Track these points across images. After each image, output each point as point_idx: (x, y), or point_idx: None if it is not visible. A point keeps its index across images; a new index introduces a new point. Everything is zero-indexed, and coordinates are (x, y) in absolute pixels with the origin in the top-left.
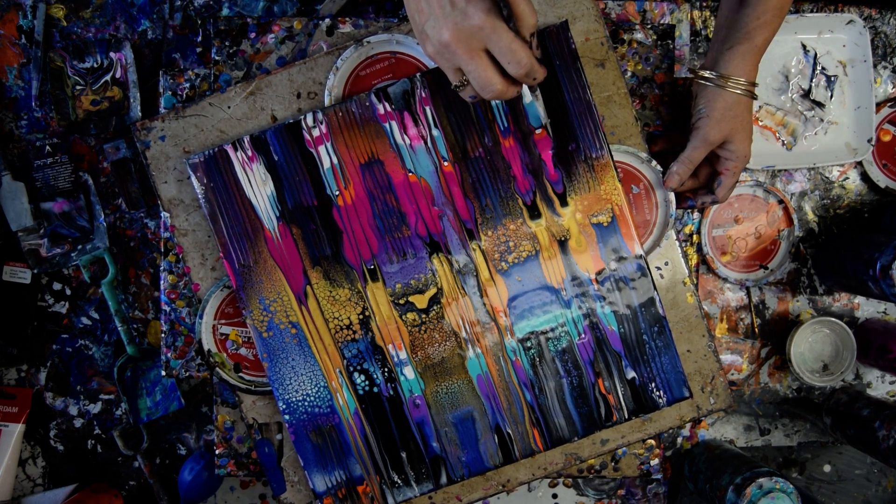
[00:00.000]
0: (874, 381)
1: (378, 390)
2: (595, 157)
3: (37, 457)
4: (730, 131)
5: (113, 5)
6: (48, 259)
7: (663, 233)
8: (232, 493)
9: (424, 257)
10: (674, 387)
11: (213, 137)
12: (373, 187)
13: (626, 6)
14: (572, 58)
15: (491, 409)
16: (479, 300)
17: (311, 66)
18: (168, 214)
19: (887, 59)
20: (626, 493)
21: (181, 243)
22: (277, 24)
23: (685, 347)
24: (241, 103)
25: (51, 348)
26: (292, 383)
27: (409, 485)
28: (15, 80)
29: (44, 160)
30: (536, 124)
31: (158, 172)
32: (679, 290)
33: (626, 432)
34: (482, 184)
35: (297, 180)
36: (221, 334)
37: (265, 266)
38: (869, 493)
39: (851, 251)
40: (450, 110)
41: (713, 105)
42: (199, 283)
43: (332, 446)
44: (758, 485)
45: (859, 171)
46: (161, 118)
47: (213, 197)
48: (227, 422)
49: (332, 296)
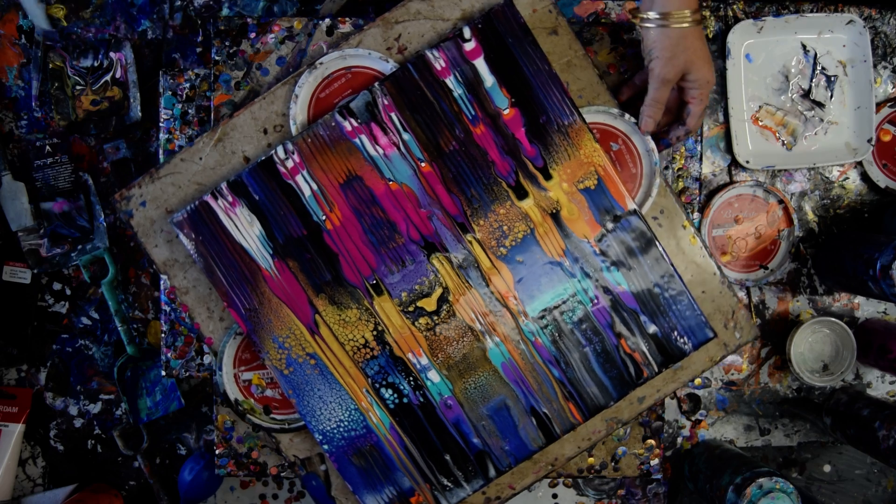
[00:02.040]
0: (874, 381)
1: (408, 400)
2: (567, 123)
3: (37, 457)
4: (684, 64)
5: (113, 5)
6: (48, 259)
7: (652, 182)
8: (232, 493)
9: (423, 261)
10: (696, 331)
11: (191, 192)
12: (357, 204)
13: (625, 6)
14: (524, 32)
15: (522, 393)
16: (485, 290)
17: (270, 101)
18: (166, 276)
19: (887, 59)
20: (626, 493)
21: (184, 302)
22: (277, 24)
23: (699, 290)
24: (211, 152)
25: (51, 348)
26: (323, 413)
27: (460, 485)
28: (15, 80)
29: (44, 160)
30: (503, 105)
31: (147, 238)
32: (681, 235)
33: (660, 385)
34: (463, 176)
35: (282, 214)
36: (244, 381)
37: (271, 305)
38: (869, 493)
39: (851, 251)
40: (415, 111)
41: (661, 45)
42: (211, 336)
43: (377, 465)
44: (758, 485)
45: (859, 171)
46: (137, 185)
47: (204, 250)
48: (227, 422)
49: (342, 319)
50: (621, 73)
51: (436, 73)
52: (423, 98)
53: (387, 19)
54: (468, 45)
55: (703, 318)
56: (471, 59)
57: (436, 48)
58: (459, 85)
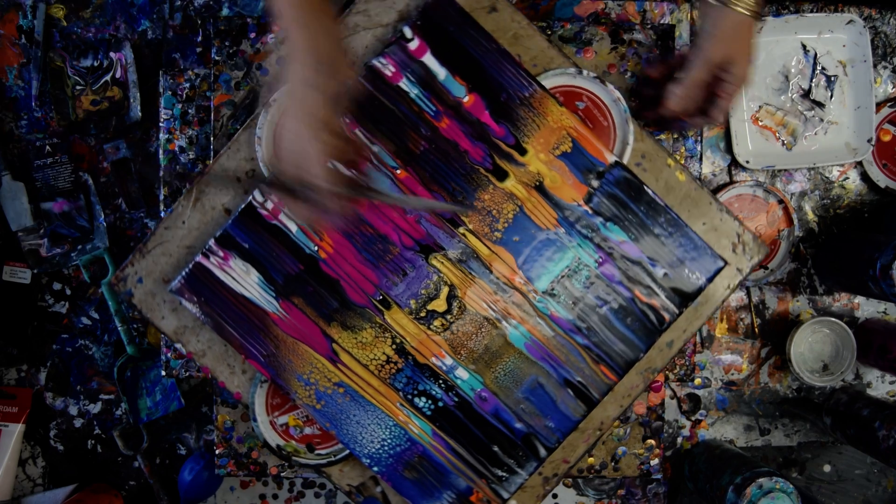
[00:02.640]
0: (874, 381)
1: (443, 403)
2: (528, 95)
3: (37, 457)
4: (733, 52)
5: (113, 5)
6: (48, 259)
7: (626, 130)
8: (232, 493)
9: (423, 264)
10: (706, 263)
11: (182, 256)
12: (345, 227)
13: (626, 6)
14: (463, 17)
15: (552, 367)
16: (490, 277)
17: (236, 149)
18: (180, 344)
19: (887, 59)
20: (626, 493)
21: (204, 364)
22: (277, 24)
23: (700, 222)
24: (192, 213)
25: (51, 348)
26: (365, 436)
27: (515, 472)
28: (15, 80)
29: (44, 160)
30: (461, 94)
31: (153, 312)
32: (667, 174)
33: (685, 325)
34: (440, 172)
35: (275, 256)
36: (281, 425)
37: (287, 346)
38: (869, 493)
39: (851, 251)
40: (378, 122)
41: (719, 24)
42: (239, 391)
43: (429, 473)
44: (758, 485)
45: (859, 171)
46: (130, 263)
47: (209, 309)
48: (227, 422)
49: (358, 342)
50: (621, 73)
51: (388, 80)
52: (382, 107)
53: None
54: (412, 45)
55: (709, 249)
56: (418, 56)
57: (382, 55)
58: (414, 85)
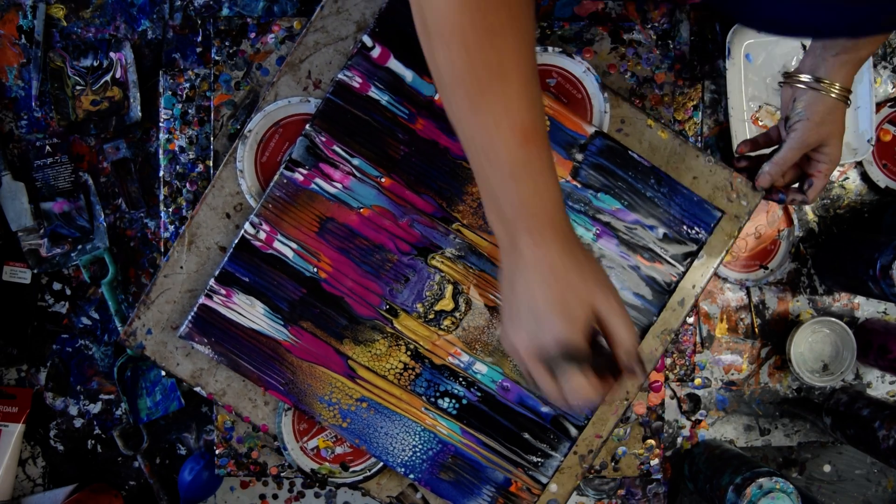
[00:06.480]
0: (874, 381)
1: (467, 401)
2: None
3: (37, 457)
4: (827, 135)
5: (113, 5)
6: (48, 259)
7: (601, 98)
8: (232, 493)
9: (423, 267)
10: (703, 216)
11: (186, 301)
12: (340, 243)
13: (626, 6)
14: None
15: None
16: (492, 268)
17: (220, 186)
18: (199, 388)
19: (887, 59)
20: (626, 493)
21: (226, 403)
22: (277, 24)
23: (690, 176)
24: (188, 257)
25: (51, 348)
26: (395, 446)
27: (549, 455)
28: (15, 80)
29: (44, 160)
30: (430, 92)
31: (167, 361)
32: (650, 134)
33: (695, 280)
34: (424, 173)
35: (276, 284)
36: (312, 449)
37: (304, 371)
38: (869, 493)
39: (851, 251)
40: (354, 135)
41: (813, 109)
42: (265, 423)
43: (465, 471)
44: (758, 485)
45: (859, 171)
46: (136, 316)
47: (221, 348)
48: (227, 422)
49: (373, 354)
50: (621, 73)
51: (357, 92)
52: (356, 119)
53: (291, 63)
54: (374, 52)
55: (703, 202)
56: (382, 63)
57: (347, 68)
58: (383, 92)
